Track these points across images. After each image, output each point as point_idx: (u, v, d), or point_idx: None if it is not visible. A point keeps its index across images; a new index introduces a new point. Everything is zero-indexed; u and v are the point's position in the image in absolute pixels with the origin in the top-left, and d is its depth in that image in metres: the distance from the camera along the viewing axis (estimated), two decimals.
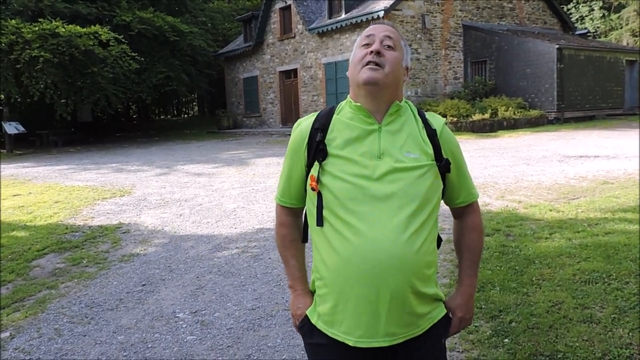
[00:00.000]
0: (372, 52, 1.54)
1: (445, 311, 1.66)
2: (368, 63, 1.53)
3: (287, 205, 1.74)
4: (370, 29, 1.62)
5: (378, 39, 1.56)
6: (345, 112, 1.61)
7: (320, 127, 1.59)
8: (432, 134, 1.60)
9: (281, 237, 1.77)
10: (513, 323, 3.42)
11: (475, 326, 3.42)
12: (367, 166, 1.51)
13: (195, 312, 4.03)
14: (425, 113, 1.67)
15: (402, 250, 1.47)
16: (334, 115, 1.62)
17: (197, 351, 3.39)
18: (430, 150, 1.57)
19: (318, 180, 1.55)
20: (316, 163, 1.56)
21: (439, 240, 1.68)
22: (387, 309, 1.49)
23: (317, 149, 1.57)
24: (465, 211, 1.73)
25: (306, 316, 1.67)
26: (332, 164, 1.54)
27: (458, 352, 3.14)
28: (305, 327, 1.67)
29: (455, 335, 3.30)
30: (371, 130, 1.55)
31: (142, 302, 4.28)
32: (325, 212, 1.54)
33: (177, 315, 3.99)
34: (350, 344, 1.53)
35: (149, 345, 3.50)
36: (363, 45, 1.58)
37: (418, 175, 1.52)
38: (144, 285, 4.66)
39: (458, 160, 1.66)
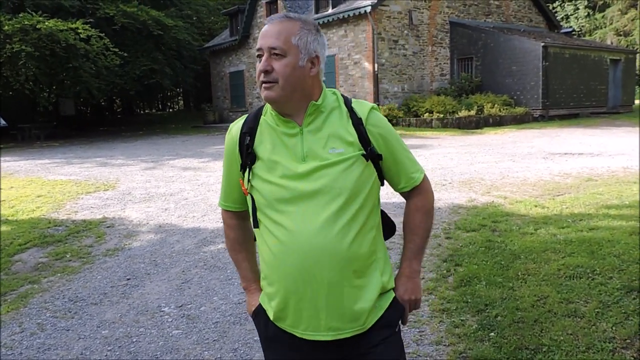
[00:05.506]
0: (261, 72, 1.51)
1: (392, 297, 1.64)
2: (262, 83, 1.51)
3: (231, 209, 1.75)
4: (260, 36, 1.53)
5: (266, 52, 1.50)
6: (270, 115, 1.60)
7: (248, 131, 1.60)
8: (357, 122, 1.56)
9: (230, 241, 1.80)
10: (499, 317, 3.44)
11: (462, 320, 3.44)
12: (292, 168, 1.52)
13: (181, 306, 3.99)
14: (352, 101, 1.62)
15: (332, 245, 1.48)
16: (262, 117, 1.62)
17: (182, 345, 3.36)
18: (356, 141, 1.54)
19: (248, 184, 1.58)
20: (247, 167, 1.59)
21: (390, 227, 1.69)
22: (326, 304, 1.51)
23: (246, 153, 1.59)
24: (411, 194, 1.69)
25: (262, 311, 1.68)
26: (260, 167, 1.56)
27: (444, 345, 3.14)
28: (260, 318, 1.70)
29: (441, 330, 3.32)
30: (293, 133, 1.55)
31: (127, 296, 4.24)
32: (258, 214, 1.57)
33: (163, 309, 3.95)
34: (297, 335, 1.56)
35: (134, 340, 3.46)
36: (258, 57, 1.54)
37: (343, 168, 1.51)
38: (128, 279, 4.61)
39: (391, 146, 1.61)
